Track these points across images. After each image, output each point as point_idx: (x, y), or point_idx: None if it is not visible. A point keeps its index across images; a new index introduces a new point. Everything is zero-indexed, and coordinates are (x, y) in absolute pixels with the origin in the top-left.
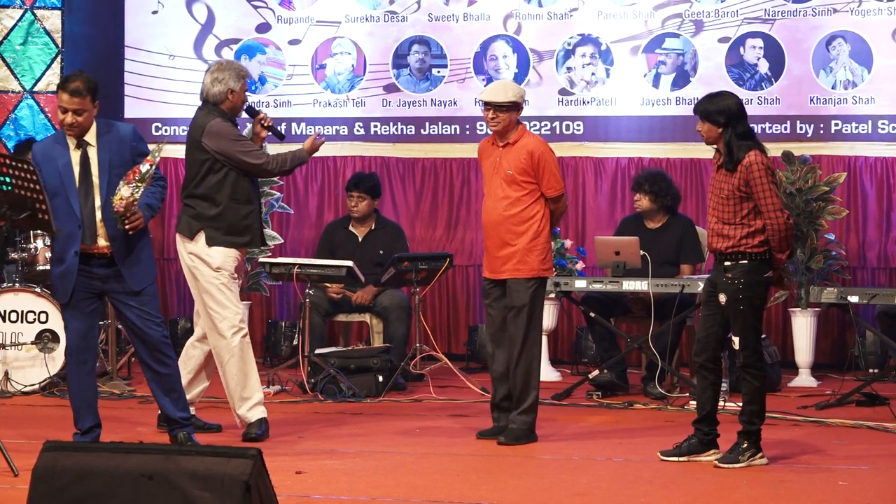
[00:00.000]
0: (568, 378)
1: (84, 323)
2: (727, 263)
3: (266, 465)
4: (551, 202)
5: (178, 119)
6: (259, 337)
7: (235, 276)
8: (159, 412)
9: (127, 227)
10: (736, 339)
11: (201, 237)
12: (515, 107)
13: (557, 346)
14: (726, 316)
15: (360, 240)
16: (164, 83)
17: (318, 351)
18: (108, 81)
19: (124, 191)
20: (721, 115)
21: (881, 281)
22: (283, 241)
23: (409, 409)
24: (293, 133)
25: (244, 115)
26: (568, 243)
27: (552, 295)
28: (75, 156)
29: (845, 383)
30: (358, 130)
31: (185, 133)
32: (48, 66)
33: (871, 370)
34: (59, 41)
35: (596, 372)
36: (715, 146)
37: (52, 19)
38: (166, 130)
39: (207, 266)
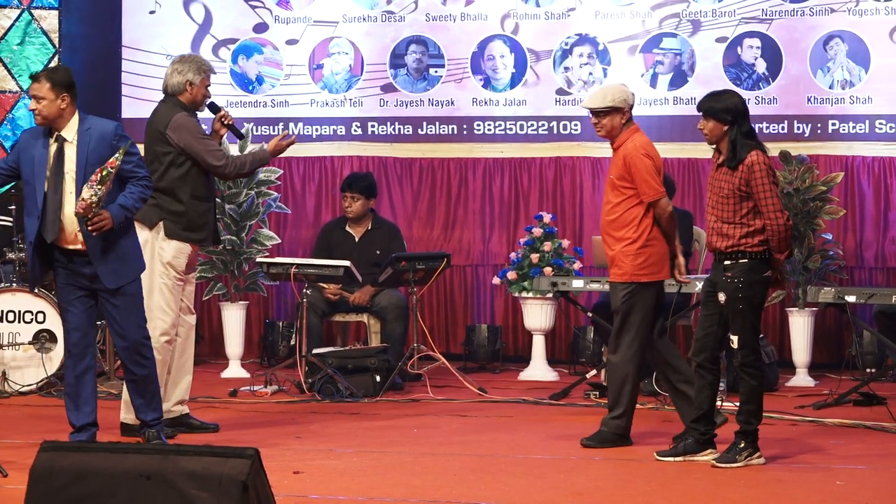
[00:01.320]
0: (565, 378)
1: (80, 320)
2: (727, 262)
3: (264, 465)
4: (653, 207)
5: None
6: (256, 337)
7: (181, 277)
8: (121, 422)
9: (90, 228)
10: (734, 339)
11: (161, 228)
12: (616, 111)
13: (555, 346)
14: (725, 315)
15: (356, 240)
16: (162, 83)
17: (315, 351)
18: (106, 81)
19: (84, 192)
20: (728, 112)
21: (878, 281)
22: (280, 241)
23: (407, 408)
24: (291, 133)
25: (207, 111)
26: (566, 243)
27: (549, 295)
28: (52, 149)
29: (842, 383)
30: (355, 130)
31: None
32: (45, 66)
33: (868, 370)
34: (56, 41)
35: (594, 372)
36: (714, 145)
37: (50, 19)
38: None
39: (158, 259)
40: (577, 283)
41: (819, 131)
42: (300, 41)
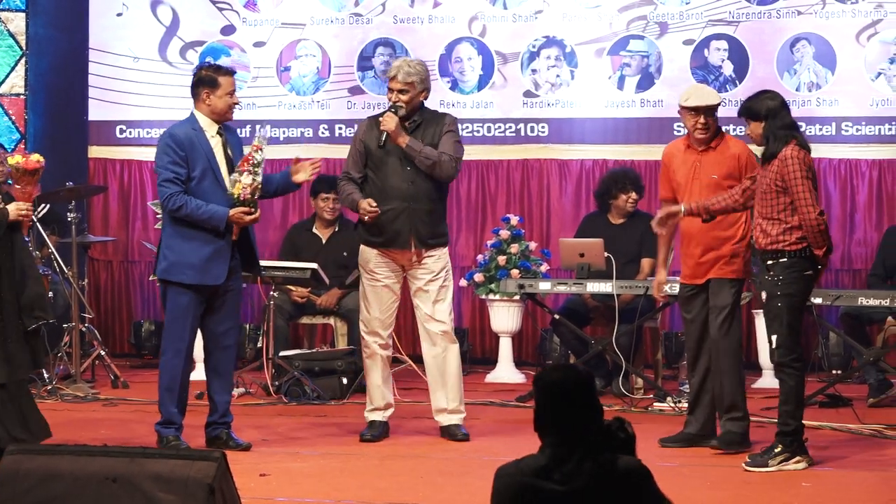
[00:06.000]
0: (532, 380)
1: (198, 324)
2: (769, 262)
3: (230, 467)
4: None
5: (143, 121)
6: None
7: (375, 277)
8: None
9: (254, 214)
10: (772, 338)
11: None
12: (717, 108)
13: (522, 348)
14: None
15: (323, 242)
16: (129, 85)
17: (282, 353)
18: (73, 84)
19: (245, 178)
20: (761, 109)
21: (844, 282)
22: None
23: None
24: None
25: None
26: (533, 245)
27: (516, 297)
28: (216, 141)
29: (809, 384)
30: (322, 132)
31: (150, 136)
32: (12, 69)
33: (834, 371)
34: (23, 43)
35: None
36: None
37: (17, 21)
38: (131, 133)
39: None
40: (545, 286)
41: None
42: (267, 43)
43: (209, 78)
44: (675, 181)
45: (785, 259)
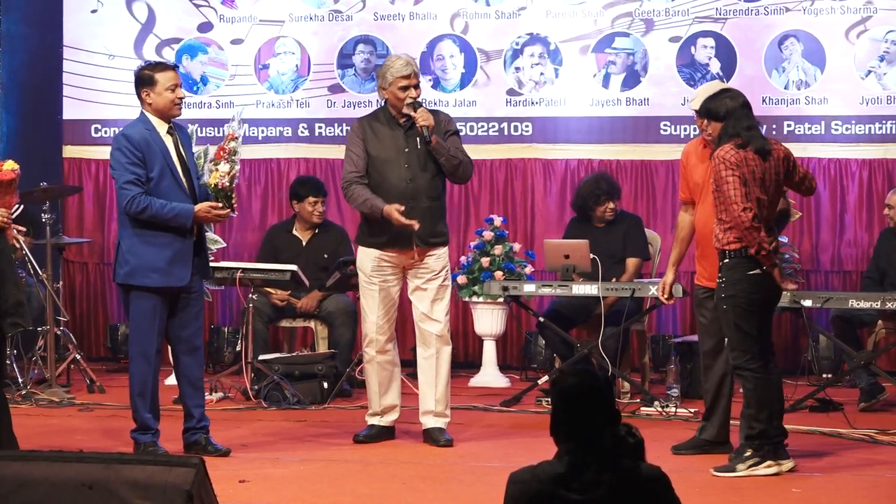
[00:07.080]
0: (517, 384)
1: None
2: (719, 263)
3: (209, 473)
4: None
5: (118, 120)
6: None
7: (372, 281)
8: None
9: (230, 208)
10: (725, 341)
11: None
12: None
13: (506, 352)
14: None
15: (304, 243)
16: (104, 83)
17: (261, 357)
18: (47, 82)
19: (223, 166)
20: (721, 110)
21: (834, 284)
22: (225, 244)
23: (355, 415)
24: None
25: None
26: (517, 247)
27: (500, 299)
28: (168, 139)
29: (798, 388)
30: (302, 132)
31: None
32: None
33: (824, 375)
34: None
35: (545, 378)
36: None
37: None
38: (106, 132)
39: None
40: (529, 288)
41: (774, 132)
42: (245, 41)
43: (146, 77)
44: (692, 181)
45: (727, 260)
